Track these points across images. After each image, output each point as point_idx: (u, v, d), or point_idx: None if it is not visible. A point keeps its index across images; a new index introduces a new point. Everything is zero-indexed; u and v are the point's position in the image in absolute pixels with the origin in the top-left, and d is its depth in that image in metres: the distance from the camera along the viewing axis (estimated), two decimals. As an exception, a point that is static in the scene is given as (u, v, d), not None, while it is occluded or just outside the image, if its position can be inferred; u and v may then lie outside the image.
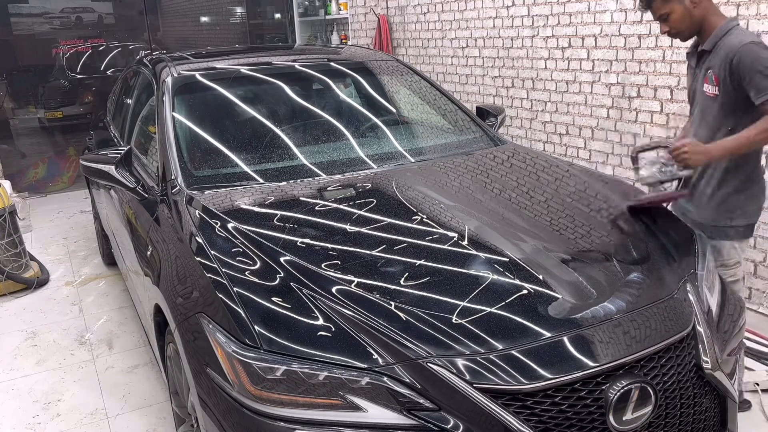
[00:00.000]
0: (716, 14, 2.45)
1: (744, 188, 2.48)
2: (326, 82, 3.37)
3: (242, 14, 7.92)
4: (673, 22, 2.44)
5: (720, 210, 2.48)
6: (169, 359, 2.29)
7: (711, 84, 2.44)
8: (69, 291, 4.27)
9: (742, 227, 2.48)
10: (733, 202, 2.48)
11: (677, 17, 2.42)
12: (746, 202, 2.48)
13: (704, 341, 1.85)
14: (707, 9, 2.43)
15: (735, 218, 2.47)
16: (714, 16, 2.43)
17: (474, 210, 2.31)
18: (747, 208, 2.49)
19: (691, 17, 2.42)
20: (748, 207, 2.49)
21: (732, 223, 2.46)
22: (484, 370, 1.59)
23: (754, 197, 2.50)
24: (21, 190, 6.17)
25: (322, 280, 1.86)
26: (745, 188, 2.48)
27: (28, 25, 6.66)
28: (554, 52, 4.47)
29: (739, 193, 2.48)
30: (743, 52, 2.30)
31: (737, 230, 2.45)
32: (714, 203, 2.50)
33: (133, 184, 2.70)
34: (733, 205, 2.48)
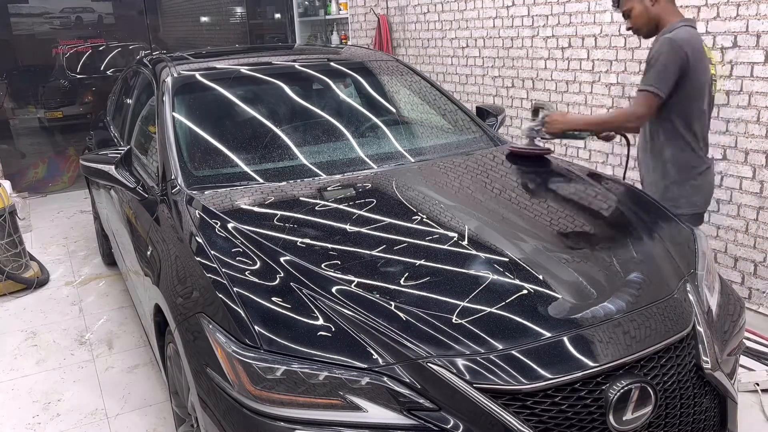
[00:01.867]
0: (672, 14, 2.58)
1: (685, 179, 2.62)
2: (326, 82, 3.37)
3: (242, 14, 7.92)
4: (633, 19, 2.62)
5: (665, 198, 2.62)
6: (169, 359, 2.29)
7: None
8: (69, 291, 4.27)
9: (687, 215, 2.60)
10: (676, 191, 2.64)
11: (636, 14, 2.60)
12: (690, 192, 2.63)
13: (704, 341, 1.85)
14: (664, 9, 2.57)
15: (680, 206, 2.61)
16: (669, 16, 2.57)
17: (474, 210, 2.31)
18: (692, 198, 2.64)
19: (648, 14, 2.58)
20: (692, 197, 2.64)
21: (677, 211, 2.55)
22: (484, 370, 1.59)
23: (698, 188, 2.64)
24: (21, 190, 6.17)
25: (322, 280, 1.86)
26: (687, 179, 2.62)
27: (28, 25, 6.66)
28: (554, 52, 4.47)
29: (680, 184, 2.63)
30: (658, 42, 2.51)
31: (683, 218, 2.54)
32: (659, 192, 2.65)
33: (133, 184, 2.70)
34: (676, 194, 2.64)
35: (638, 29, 2.65)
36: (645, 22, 2.60)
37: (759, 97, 3.22)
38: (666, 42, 2.46)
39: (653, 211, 2.44)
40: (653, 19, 2.58)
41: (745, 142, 3.32)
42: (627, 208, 2.44)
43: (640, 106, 2.53)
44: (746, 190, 3.36)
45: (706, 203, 2.71)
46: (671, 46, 2.44)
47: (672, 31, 2.49)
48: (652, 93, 2.48)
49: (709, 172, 2.68)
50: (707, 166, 2.66)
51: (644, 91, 2.50)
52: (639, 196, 2.57)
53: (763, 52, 3.17)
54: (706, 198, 2.70)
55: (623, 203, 2.49)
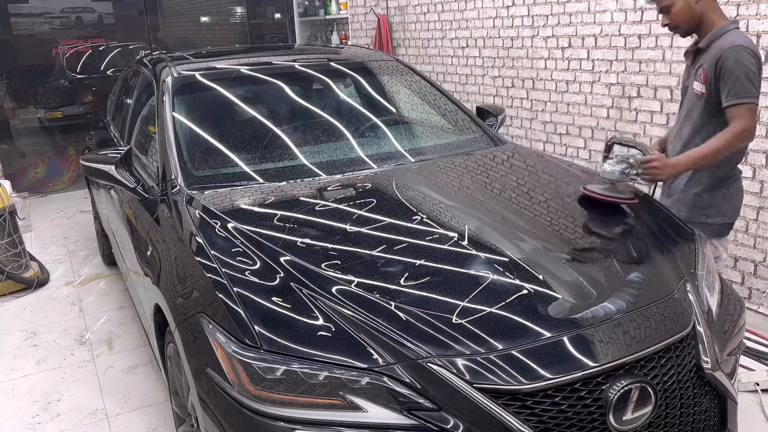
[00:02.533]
0: (717, 14, 2.45)
1: (716, 188, 2.51)
2: (326, 82, 3.37)
3: (242, 14, 7.92)
4: (673, 15, 2.45)
5: (694, 207, 2.52)
6: (169, 359, 2.29)
7: (700, 82, 2.46)
8: (69, 291, 4.27)
9: (717, 225, 2.51)
10: (707, 200, 2.52)
11: (678, 10, 2.43)
12: (721, 201, 2.52)
13: (704, 341, 1.85)
14: (708, 6, 2.43)
15: (710, 216, 2.51)
16: (714, 15, 2.43)
17: (474, 210, 2.31)
18: (722, 207, 2.53)
19: (691, 12, 2.42)
20: (723, 206, 2.53)
21: (707, 221, 2.49)
22: (484, 370, 1.59)
23: (729, 197, 2.53)
24: (21, 190, 6.17)
25: (322, 280, 1.86)
26: (718, 188, 2.51)
27: (28, 25, 6.66)
28: (554, 52, 4.47)
29: (711, 192, 2.51)
30: (729, 53, 2.33)
31: (712, 228, 2.49)
32: (688, 200, 2.54)
33: (133, 184, 2.70)
34: (706, 203, 2.52)
35: (677, 26, 2.48)
36: (687, 19, 2.44)
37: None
38: (742, 50, 2.31)
39: (653, 211, 2.44)
40: (696, 17, 2.43)
41: (745, 142, 3.31)
42: (627, 208, 2.44)
43: (747, 120, 2.33)
44: (746, 190, 3.35)
45: (736, 213, 2.57)
46: (751, 54, 2.31)
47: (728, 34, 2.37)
48: (754, 104, 2.32)
49: (740, 181, 2.57)
50: (739, 173, 2.56)
51: (746, 104, 2.32)
52: (639, 195, 2.57)
53: (764, 52, 3.17)
54: (737, 207, 2.57)
55: (623, 203, 2.48)
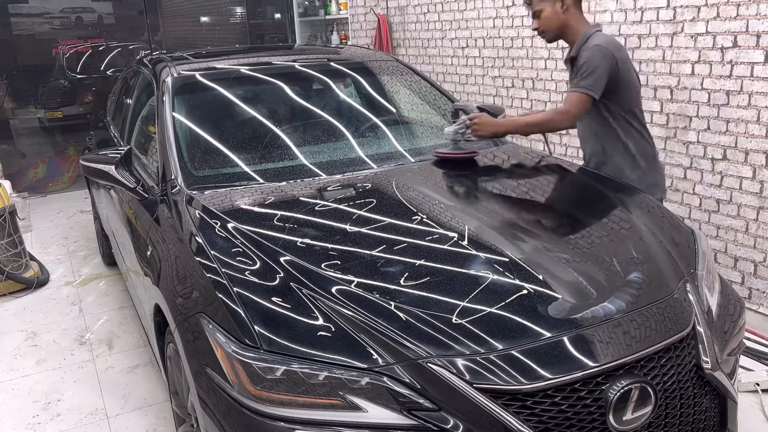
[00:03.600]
0: (580, 22, 2.70)
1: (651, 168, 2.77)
2: (326, 82, 3.37)
3: (242, 14, 7.92)
4: (542, 20, 2.71)
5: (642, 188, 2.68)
6: (169, 359, 2.29)
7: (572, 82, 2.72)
8: (69, 291, 4.28)
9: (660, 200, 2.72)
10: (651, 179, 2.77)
11: (546, 16, 2.69)
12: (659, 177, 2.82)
13: (704, 341, 1.85)
14: (573, 16, 2.68)
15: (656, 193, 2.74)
16: (578, 24, 2.69)
17: (474, 210, 2.31)
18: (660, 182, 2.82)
19: (557, 19, 2.68)
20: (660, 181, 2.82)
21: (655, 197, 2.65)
22: (484, 370, 1.59)
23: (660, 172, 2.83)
24: (21, 190, 6.17)
25: (322, 280, 1.86)
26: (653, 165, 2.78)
27: (28, 25, 6.66)
28: (554, 52, 4.47)
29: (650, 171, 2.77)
30: (585, 51, 2.60)
31: None
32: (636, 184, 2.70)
33: (133, 184, 2.70)
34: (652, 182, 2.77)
35: (545, 32, 2.73)
36: (553, 26, 2.69)
37: (759, 97, 3.22)
38: (596, 50, 2.56)
39: (653, 211, 2.44)
40: (562, 25, 2.68)
41: (745, 142, 3.31)
42: (627, 208, 2.44)
43: (574, 105, 2.60)
44: (746, 190, 3.36)
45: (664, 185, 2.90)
46: (602, 53, 2.55)
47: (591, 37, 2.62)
48: (586, 94, 2.57)
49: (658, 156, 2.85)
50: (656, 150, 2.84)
51: (579, 92, 2.58)
52: (639, 196, 2.57)
53: (763, 52, 3.17)
54: (664, 180, 2.90)
55: (623, 203, 2.48)
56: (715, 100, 3.40)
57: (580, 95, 2.59)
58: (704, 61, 3.43)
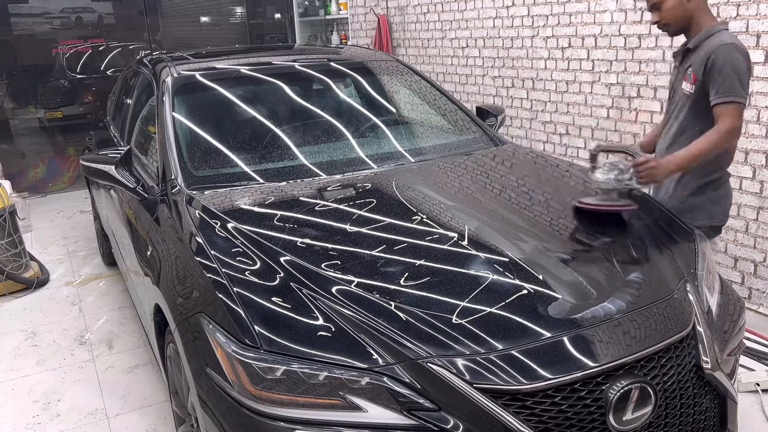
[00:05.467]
0: (707, 14, 2.44)
1: (702, 191, 2.50)
2: (326, 82, 3.37)
3: (242, 14, 7.92)
4: (664, 12, 2.43)
5: (681, 210, 2.49)
6: (169, 359, 2.29)
7: (689, 82, 2.45)
8: (69, 291, 4.27)
9: (705, 228, 2.48)
10: (692, 203, 2.51)
11: (669, 7, 2.42)
12: (707, 204, 2.50)
13: (704, 341, 1.85)
14: (699, 6, 2.42)
15: (697, 219, 2.49)
16: (704, 16, 2.43)
17: (474, 210, 2.31)
18: (709, 210, 2.51)
19: (683, 10, 2.41)
20: (710, 209, 2.51)
21: (694, 224, 2.46)
22: (484, 370, 1.59)
23: (716, 200, 2.51)
24: (21, 190, 6.16)
25: (322, 280, 1.86)
26: (704, 191, 2.49)
27: (28, 25, 6.66)
28: (554, 52, 4.47)
29: (697, 195, 2.50)
30: (719, 51, 2.32)
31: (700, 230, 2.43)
32: (675, 204, 2.52)
33: (133, 184, 2.70)
34: (692, 206, 2.50)
35: (667, 25, 2.46)
36: (678, 17, 2.42)
37: (759, 97, 3.22)
38: (733, 49, 2.30)
39: (653, 211, 2.44)
40: (687, 16, 2.41)
41: (745, 142, 3.31)
42: (627, 215, 2.44)
43: (735, 118, 2.31)
44: (746, 190, 3.36)
45: (725, 216, 2.55)
46: (741, 53, 2.30)
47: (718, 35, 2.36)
48: (741, 103, 2.30)
49: (728, 183, 2.56)
50: (727, 177, 2.55)
51: (733, 103, 2.30)
52: (639, 196, 2.57)
53: (763, 52, 3.17)
54: (725, 210, 2.55)
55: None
56: (715, 100, 3.40)
57: (736, 106, 2.30)
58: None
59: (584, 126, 4.36)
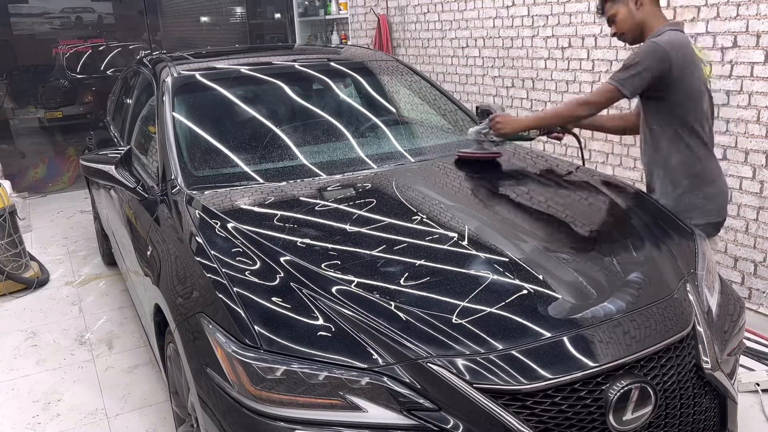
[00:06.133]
0: (658, 19, 2.51)
1: (696, 188, 2.51)
2: (326, 82, 3.37)
3: (242, 14, 7.92)
4: (618, 23, 2.54)
5: (677, 210, 2.50)
6: (169, 359, 2.29)
7: None
8: (69, 291, 4.28)
9: (702, 225, 2.49)
10: (688, 201, 2.52)
11: (621, 18, 2.52)
12: (704, 202, 2.52)
13: (704, 341, 1.85)
14: (649, 13, 2.50)
15: (694, 217, 2.50)
16: (655, 21, 2.50)
17: (474, 210, 2.31)
18: (705, 207, 2.52)
19: (633, 19, 2.50)
20: (706, 206, 2.52)
21: (693, 222, 2.47)
22: (484, 370, 1.59)
23: (712, 197, 2.53)
24: (21, 190, 6.17)
25: (322, 280, 1.86)
26: (697, 188, 2.51)
27: (28, 25, 6.66)
28: (554, 52, 4.47)
29: (691, 193, 2.51)
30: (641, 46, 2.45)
31: (697, 228, 2.45)
32: (671, 203, 2.53)
33: (133, 184, 2.70)
34: (688, 204, 2.52)
35: (623, 34, 2.55)
36: (630, 26, 2.51)
37: (759, 97, 3.22)
38: (650, 45, 2.37)
39: (653, 211, 2.44)
40: (638, 24, 2.49)
41: (745, 142, 3.32)
42: (627, 208, 2.44)
43: (596, 94, 2.47)
44: (746, 190, 3.36)
45: (720, 212, 2.57)
46: (654, 51, 2.35)
47: (657, 36, 2.41)
48: (615, 87, 2.40)
49: (720, 179, 2.56)
50: (718, 173, 2.55)
51: (608, 83, 2.43)
52: (639, 195, 2.57)
53: (763, 52, 3.17)
54: (721, 207, 2.56)
55: (623, 203, 2.49)
56: (716, 100, 3.40)
57: (608, 86, 2.42)
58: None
59: (584, 126, 4.35)
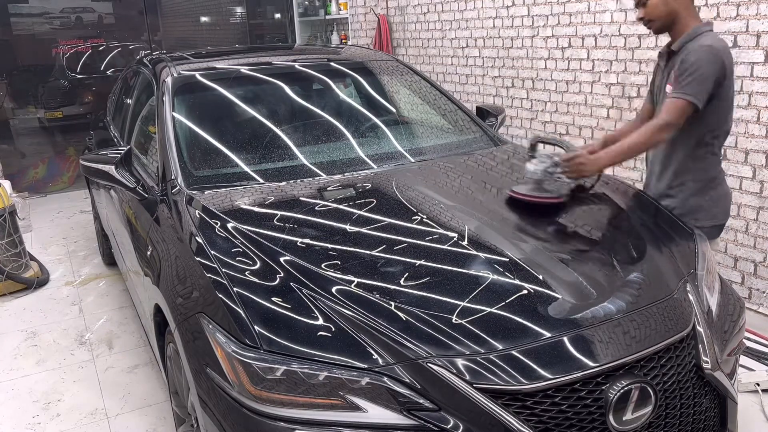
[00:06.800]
0: (692, 14, 2.41)
1: (704, 191, 2.50)
2: (326, 82, 3.37)
3: (242, 14, 7.92)
4: (649, 8, 2.42)
5: (683, 213, 2.49)
6: (169, 359, 2.29)
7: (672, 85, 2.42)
8: (69, 291, 4.27)
9: (707, 228, 2.49)
10: (694, 204, 2.50)
11: (654, 3, 2.40)
12: (710, 204, 2.50)
13: (704, 341, 1.85)
14: (684, 5, 2.39)
15: (699, 219, 2.49)
16: (689, 16, 2.40)
17: (474, 210, 2.30)
18: (712, 210, 2.51)
19: (667, 7, 2.38)
20: (713, 209, 2.51)
21: (697, 224, 2.46)
22: (484, 370, 1.59)
23: (717, 199, 2.51)
24: (21, 190, 6.17)
25: (322, 280, 1.86)
26: (705, 191, 2.49)
27: (28, 25, 6.66)
28: (554, 52, 4.47)
29: (698, 196, 2.50)
30: (694, 50, 2.31)
31: (702, 231, 2.44)
32: (677, 204, 2.52)
33: (133, 184, 2.70)
34: (695, 207, 2.50)
35: (651, 21, 2.43)
36: (662, 14, 2.39)
37: (759, 97, 3.22)
38: (707, 51, 2.28)
39: (653, 211, 2.44)
40: (671, 14, 2.38)
41: (745, 142, 3.32)
42: (627, 208, 2.44)
43: (671, 113, 2.31)
44: (746, 190, 3.36)
45: (725, 215, 2.55)
46: (713, 56, 2.27)
47: (701, 36, 2.34)
48: (688, 101, 2.28)
49: (725, 182, 2.55)
50: (723, 176, 2.55)
51: (679, 99, 2.29)
52: (639, 196, 2.57)
53: (763, 52, 3.17)
54: (725, 209, 2.55)
55: (623, 203, 2.49)
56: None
57: (680, 102, 2.28)
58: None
59: (584, 126, 4.36)
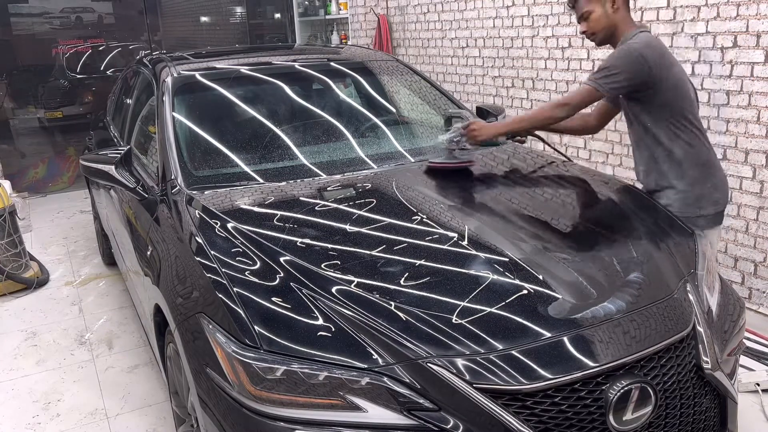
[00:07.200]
0: (629, 23, 2.56)
1: (703, 179, 2.55)
2: (326, 82, 3.37)
3: (242, 14, 7.92)
4: (591, 22, 2.55)
5: (688, 202, 2.53)
6: (169, 359, 2.29)
7: None
8: (69, 291, 4.27)
9: (712, 215, 2.54)
10: (699, 191, 2.54)
11: (596, 17, 2.54)
12: (712, 191, 2.55)
13: (704, 341, 1.85)
14: (622, 17, 2.53)
15: (704, 207, 2.54)
16: (626, 25, 2.54)
17: (474, 210, 2.31)
18: (713, 195, 2.56)
19: (607, 20, 2.53)
20: (714, 195, 2.56)
21: (702, 213, 2.51)
22: (484, 370, 1.59)
23: (717, 186, 2.57)
24: (21, 190, 6.17)
25: (322, 280, 1.86)
26: (706, 179, 2.55)
27: (28, 25, 6.66)
28: (554, 52, 4.47)
29: (701, 183, 2.55)
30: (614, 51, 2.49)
31: (707, 218, 2.50)
32: (680, 197, 2.55)
33: (133, 184, 2.70)
34: (700, 195, 2.54)
35: (594, 34, 2.57)
36: (603, 27, 2.53)
37: (759, 97, 3.22)
38: (624, 49, 2.42)
39: (653, 211, 2.44)
40: (611, 26, 2.52)
41: (745, 142, 3.32)
42: (627, 208, 2.44)
43: (574, 95, 2.49)
44: (746, 190, 3.36)
45: (725, 199, 2.61)
46: (629, 54, 2.39)
47: (633, 38, 2.46)
48: (592, 87, 2.43)
49: (720, 166, 2.60)
50: (717, 161, 2.59)
51: (585, 85, 2.46)
52: (639, 195, 2.57)
53: (763, 52, 3.17)
54: (725, 193, 2.60)
55: (623, 203, 2.49)
56: (715, 100, 3.40)
57: (585, 87, 2.46)
58: (704, 61, 3.43)
59: (584, 126, 4.35)
